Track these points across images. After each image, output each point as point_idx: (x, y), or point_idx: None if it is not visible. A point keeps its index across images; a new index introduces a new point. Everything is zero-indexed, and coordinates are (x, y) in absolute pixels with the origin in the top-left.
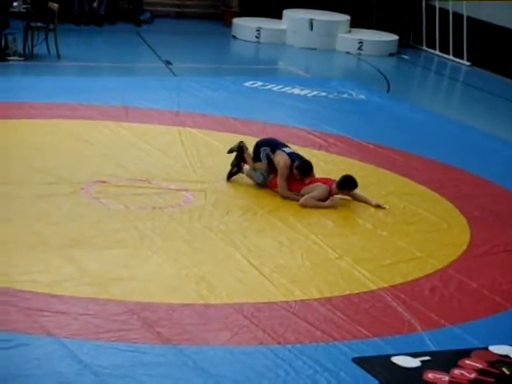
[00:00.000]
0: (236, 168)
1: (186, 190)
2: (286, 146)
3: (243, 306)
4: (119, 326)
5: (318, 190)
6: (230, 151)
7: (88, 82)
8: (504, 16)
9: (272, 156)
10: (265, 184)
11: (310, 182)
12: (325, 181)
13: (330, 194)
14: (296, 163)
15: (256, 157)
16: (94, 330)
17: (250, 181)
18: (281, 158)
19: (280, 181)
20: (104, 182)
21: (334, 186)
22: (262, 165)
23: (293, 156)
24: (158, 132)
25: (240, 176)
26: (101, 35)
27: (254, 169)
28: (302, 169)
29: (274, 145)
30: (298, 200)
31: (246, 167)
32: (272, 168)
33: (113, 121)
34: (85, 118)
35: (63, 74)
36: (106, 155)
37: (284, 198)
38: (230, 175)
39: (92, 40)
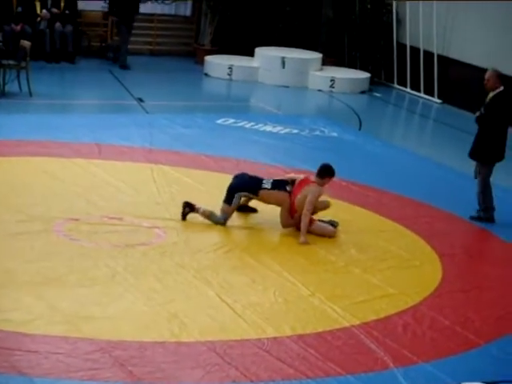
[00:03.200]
0: (188, 208)
1: (158, 228)
2: (262, 180)
3: (216, 344)
4: (91, 364)
5: (311, 192)
6: (184, 216)
7: (60, 120)
8: (474, 54)
9: (257, 198)
10: (224, 224)
11: (295, 195)
12: (304, 182)
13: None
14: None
15: (228, 200)
16: (65, 369)
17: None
18: (280, 196)
19: (285, 212)
20: (76, 219)
21: (313, 178)
22: (230, 209)
23: (279, 187)
24: (131, 169)
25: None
26: (73, 73)
27: (222, 210)
28: (326, 171)
29: (250, 187)
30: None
31: (200, 207)
32: (271, 203)
33: (85, 158)
34: (57, 155)
35: (35, 111)
36: (78, 193)
37: (285, 227)
38: (184, 215)
39: (64, 77)
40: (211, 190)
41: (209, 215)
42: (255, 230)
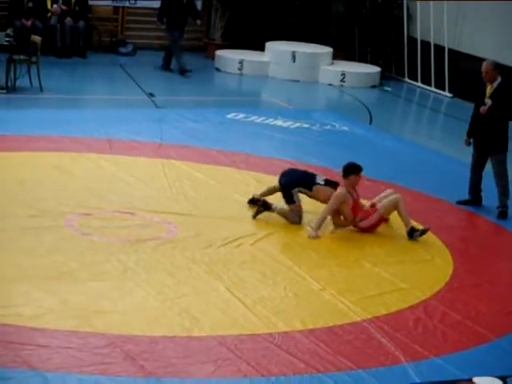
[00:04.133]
0: (263, 207)
1: (169, 222)
2: (315, 175)
3: (226, 338)
4: (102, 359)
5: (333, 197)
6: (257, 214)
7: (71, 115)
8: (485, 47)
9: (310, 193)
10: (300, 223)
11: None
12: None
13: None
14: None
15: (289, 199)
16: (76, 364)
17: (232, 213)
18: (330, 194)
19: (328, 210)
20: (87, 214)
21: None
22: (297, 206)
23: (331, 185)
24: (141, 164)
25: (221, 208)
26: (83, 68)
27: (291, 210)
28: (347, 170)
29: (305, 181)
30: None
31: (277, 206)
32: (319, 199)
33: (96, 153)
34: (68, 150)
35: (46, 106)
36: (90, 188)
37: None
38: (257, 214)
39: (74, 72)
40: (222, 185)
41: (286, 215)
42: (265, 225)
